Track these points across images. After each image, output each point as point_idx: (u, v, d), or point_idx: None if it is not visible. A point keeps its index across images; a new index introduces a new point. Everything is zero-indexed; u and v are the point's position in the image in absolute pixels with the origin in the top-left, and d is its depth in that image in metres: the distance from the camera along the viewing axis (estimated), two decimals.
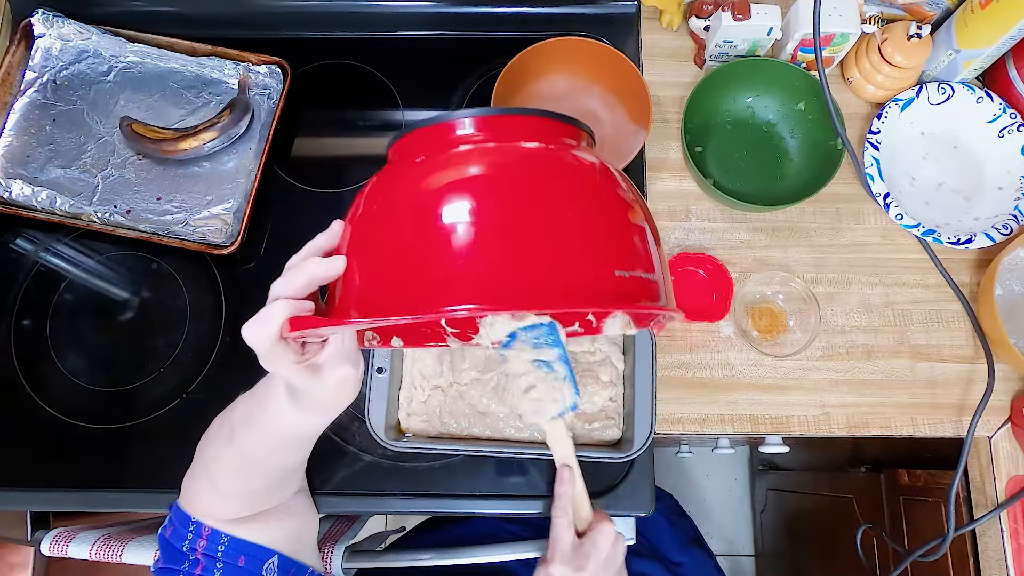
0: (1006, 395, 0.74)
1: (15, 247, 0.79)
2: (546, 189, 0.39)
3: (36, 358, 0.75)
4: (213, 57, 0.81)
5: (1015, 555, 0.70)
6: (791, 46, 0.77)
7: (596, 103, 0.81)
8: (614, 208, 0.41)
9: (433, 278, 0.37)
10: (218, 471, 0.54)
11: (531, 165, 0.40)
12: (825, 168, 0.76)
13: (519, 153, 0.41)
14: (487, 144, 0.41)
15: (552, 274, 0.37)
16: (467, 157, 0.40)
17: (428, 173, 0.40)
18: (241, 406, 0.52)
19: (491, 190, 0.38)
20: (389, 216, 0.40)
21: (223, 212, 0.76)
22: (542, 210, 0.38)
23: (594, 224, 0.39)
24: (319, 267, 0.41)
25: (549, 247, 0.37)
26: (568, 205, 0.39)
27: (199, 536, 0.55)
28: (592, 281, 0.37)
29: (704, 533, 0.99)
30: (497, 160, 0.40)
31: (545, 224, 0.38)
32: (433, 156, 0.41)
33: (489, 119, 0.42)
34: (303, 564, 0.59)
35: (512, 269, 0.36)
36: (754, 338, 0.75)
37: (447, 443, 0.67)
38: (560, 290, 0.37)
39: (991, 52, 0.76)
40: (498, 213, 0.37)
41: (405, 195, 0.40)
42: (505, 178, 0.39)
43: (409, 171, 0.41)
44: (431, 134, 0.42)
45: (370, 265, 0.40)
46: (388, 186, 0.42)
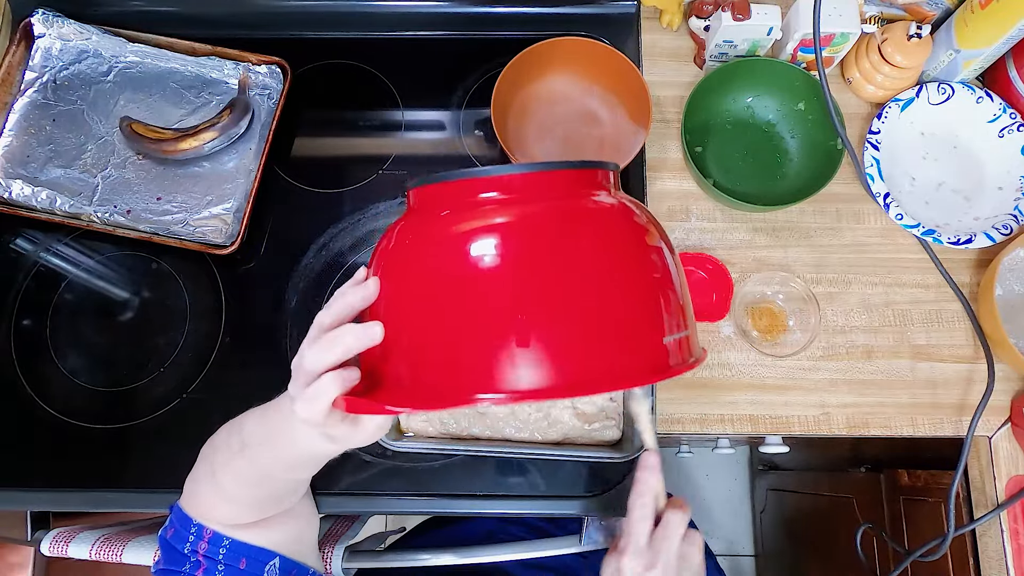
0: (1006, 395, 0.74)
1: (15, 247, 0.79)
2: (591, 265, 0.39)
3: (36, 358, 0.75)
4: (213, 57, 0.81)
5: (1015, 555, 0.70)
6: (791, 46, 0.77)
7: (596, 103, 0.81)
8: (654, 269, 0.41)
9: (488, 367, 0.37)
10: (227, 479, 0.54)
11: (573, 238, 0.39)
12: (825, 168, 0.76)
13: (558, 224, 0.39)
14: (520, 207, 0.40)
15: (606, 358, 0.37)
16: (505, 231, 0.39)
17: (466, 246, 0.39)
18: (254, 421, 0.52)
19: (538, 271, 0.38)
20: (426, 289, 0.39)
21: (223, 212, 0.76)
22: (590, 291, 0.38)
23: (642, 294, 0.39)
24: (357, 340, 0.41)
25: (601, 331, 0.37)
26: (614, 280, 0.39)
27: (200, 538, 0.55)
28: (645, 358, 0.38)
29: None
30: (538, 234, 0.39)
31: (595, 306, 0.38)
32: (464, 222, 0.40)
33: (516, 177, 0.41)
34: (304, 565, 0.59)
35: (571, 357, 0.37)
36: (754, 338, 0.75)
37: (447, 443, 0.67)
38: (615, 373, 0.37)
39: (991, 52, 0.76)
40: (548, 297, 0.37)
41: (444, 269, 0.39)
42: (549, 257, 0.38)
43: (443, 239, 0.40)
44: (455, 188, 0.42)
45: (414, 342, 0.39)
46: (421, 251, 0.41)
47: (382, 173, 0.81)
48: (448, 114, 0.84)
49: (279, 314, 0.75)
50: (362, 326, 0.41)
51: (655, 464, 0.54)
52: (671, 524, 0.53)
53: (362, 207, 0.79)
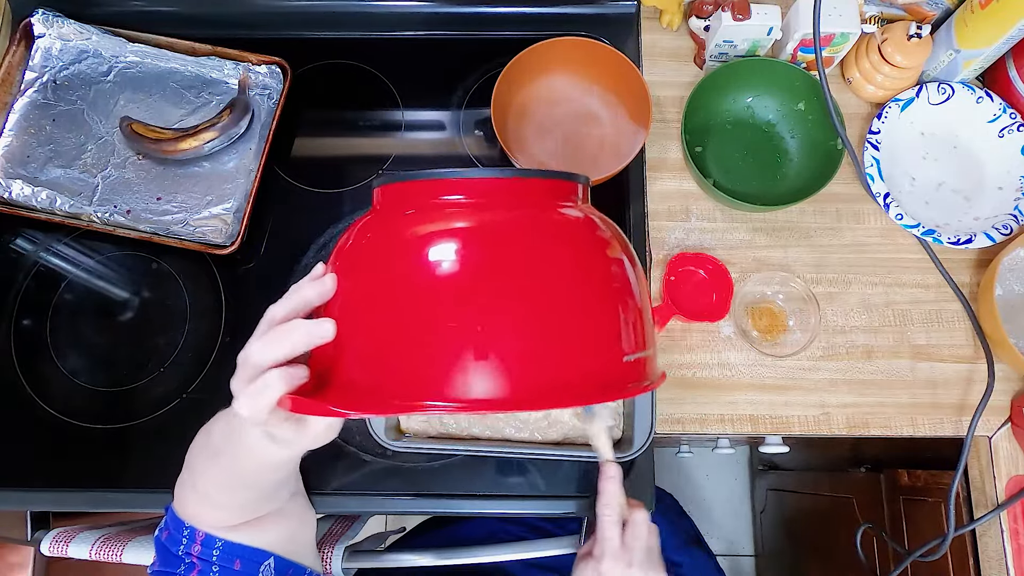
0: (1006, 395, 0.74)
1: (15, 247, 0.79)
2: (551, 277, 0.38)
3: (36, 358, 0.75)
4: (213, 57, 0.81)
5: (1015, 555, 0.70)
6: (791, 46, 0.77)
7: (596, 103, 0.81)
8: (616, 286, 0.40)
9: (438, 375, 0.36)
10: (206, 484, 0.53)
11: (535, 249, 0.39)
12: (825, 168, 0.76)
13: (521, 233, 0.39)
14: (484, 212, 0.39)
15: (560, 374, 0.37)
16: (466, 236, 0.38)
17: (425, 248, 0.38)
18: (220, 426, 0.51)
19: (496, 279, 0.37)
20: (390, 292, 0.38)
21: (223, 212, 0.76)
22: (548, 304, 0.37)
23: (601, 311, 0.39)
24: (307, 336, 0.40)
25: (557, 345, 0.37)
26: (573, 294, 0.38)
27: (193, 540, 0.55)
28: (604, 377, 0.38)
29: (704, 533, 0.99)
30: (499, 242, 0.38)
31: (552, 320, 0.37)
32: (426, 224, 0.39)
33: (483, 181, 0.40)
34: (300, 565, 0.59)
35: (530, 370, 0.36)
36: (754, 338, 0.75)
37: (447, 443, 0.67)
38: (574, 390, 0.37)
39: (991, 52, 0.76)
40: (504, 307, 0.37)
41: (402, 272, 0.38)
42: (509, 266, 0.38)
43: (404, 240, 0.39)
44: (421, 188, 0.41)
45: (367, 344, 0.39)
46: (386, 252, 0.40)
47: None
48: (448, 114, 0.84)
49: None
50: (313, 322, 0.40)
51: (615, 474, 0.59)
52: (638, 524, 0.58)
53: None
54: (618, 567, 0.55)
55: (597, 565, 0.56)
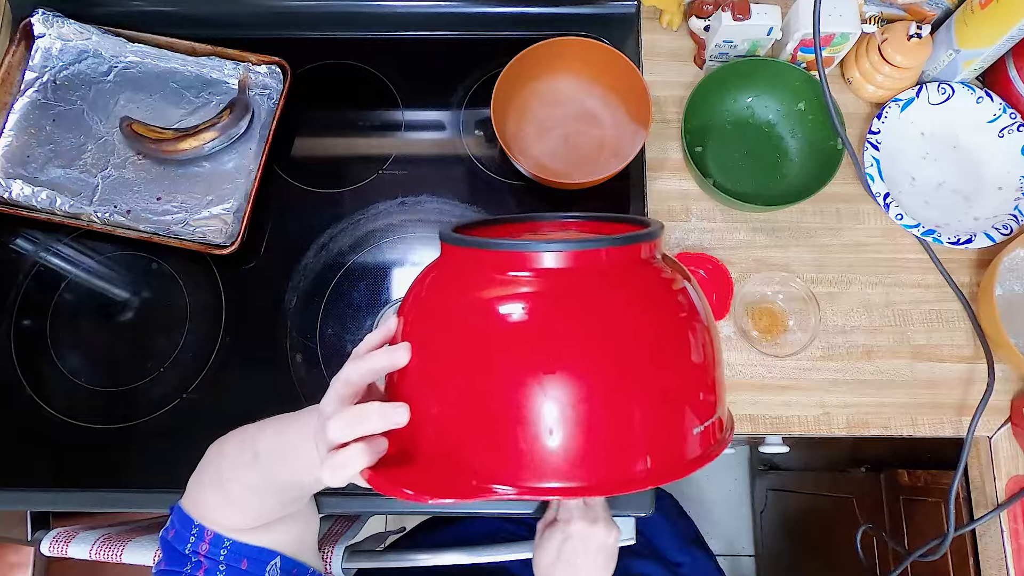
0: (1006, 395, 0.74)
1: (15, 247, 0.79)
2: (631, 355, 0.37)
3: (36, 358, 0.75)
4: (213, 57, 0.81)
5: (1015, 555, 0.70)
6: (791, 46, 0.77)
7: (596, 103, 0.81)
8: (691, 350, 0.39)
9: (518, 461, 0.36)
10: (236, 488, 0.54)
11: (612, 324, 0.38)
12: (825, 168, 0.76)
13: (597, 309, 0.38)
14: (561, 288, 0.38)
15: (629, 457, 0.37)
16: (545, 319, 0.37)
17: (506, 333, 0.38)
18: (270, 435, 0.51)
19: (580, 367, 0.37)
20: (462, 370, 0.38)
21: (223, 212, 0.76)
22: (621, 382, 0.37)
23: (674, 384, 0.38)
24: (382, 421, 0.40)
25: (625, 427, 0.37)
26: (648, 368, 0.38)
27: (201, 539, 0.55)
28: (670, 453, 0.37)
29: (704, 533, 0.99)
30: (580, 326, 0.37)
31: (623, 400, 0.37)
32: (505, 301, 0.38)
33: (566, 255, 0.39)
34: (304, 565, 0.59)
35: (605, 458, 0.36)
36: (754, 338, 0.75)
37: None
38: (640, 475, 0.37)
39: (991, 52, 0.76)
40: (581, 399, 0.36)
41: (482, 350, 0.38)
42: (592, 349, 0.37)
43: (483, 316, 0.38)
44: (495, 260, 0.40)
45: (443, 424, 0.38)
46: (459, 324, 0.39)
47: (382, 173, 0.81)
48: (448, 114, 0.84)
49: (279, 314, 0.75)
50: (389, 408, 0.40)
51: None
52: None
53: (362, 207, 0.80)
54: (584, 525, 0.58)
55: (565, 527, 0.58)
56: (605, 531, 0.60)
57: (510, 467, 0.36)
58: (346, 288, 0.77)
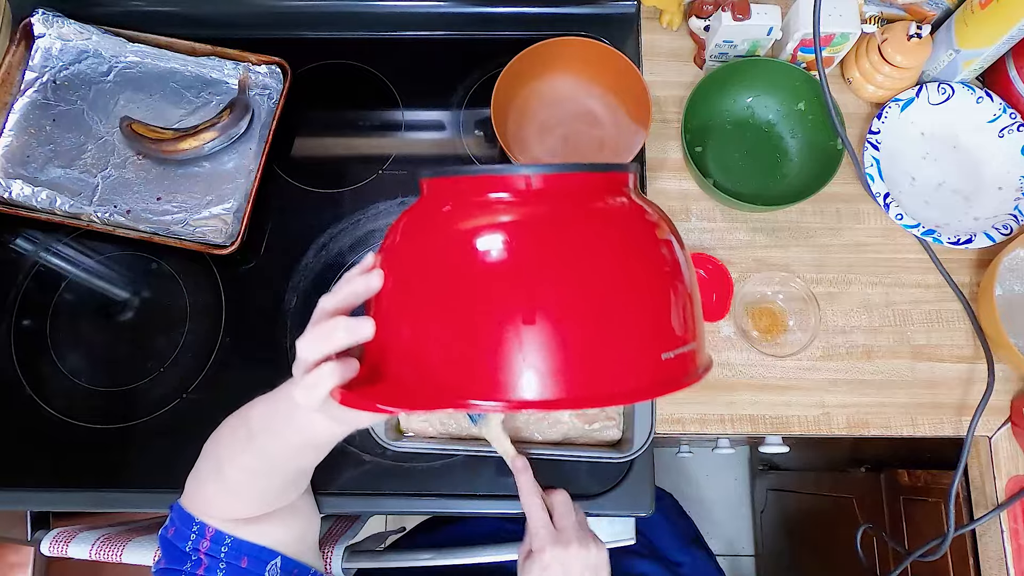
0: (1006, 395, 0.74)
1: (15, 247, 0.79)
2: (595, 273, 0.37)
3: (36, 358, 0.75)
4: (213, 57, 0.81)
5: (1015, 555, 0.70)
6: (791, 46, 0.77)
7: (596, 103, 0.81)
8: (661, 278, 0.39)
9: (483, 373, 0.36)
10: (233, 472, 0.54)
11: (579, 243, 0.38)
12: (825, 168, 0.76)
13: (569, 229, 0.38)
14: (533, 208, 0.39)
15: (596, 373, 0.36)
16: (514, 235, 0.38)
17: (472, 247, 0.38)
18: (260, 409, 0.52)
19: (544, 278, 0.37)
20: (432, 287, 0.39)
21: (223, 212, 0.76)
22: (596, 303, 0.37)
23: (642, 306, 0.38)
24: (348, 335, 0.41)
25: (594, 342, 0.36)
26: (617, 291, 0.38)
27: (202, 537, 0.55)
28: (637, 374, 0.37)
29: (704, 533, 0.99)
30: (548, 239, 0.38)
31: (591, 315, 0.37)
32: (475, 219, 0.39)
33: (532, 177, 0.40)
34: (305, 565, 0.59)
35: (572, 370, 0.36)
36: (754, 338, 0.75)
37: (447, 443, 0.67)
38: (604, 391, 0.36)
39: (991, 52, 0.76)
40: (551, 307, 0.36)
41: (452, 268, 0.38)
42: (558, 264, 0.37)
43: (453, 236, 0.39)
44: (469, 184, 0.41)
45: (415, 340, 0.39)
46: (430, 246, 0.40)
47: (382, 173, 0.81)
48: (448, 114, 0.84)
49: (279, 314, 0.75)
50: (354, 321, 0.41)
51: (524, 467, 0.63)
52: (562, 503, 0.63)
53: (362, 207, 0.80)
54: (558, 551, 0.58)
55: (540, 556, 0.58)
56: (583, 550, 0.59)
57: (478, 379, 0.36)
58: None
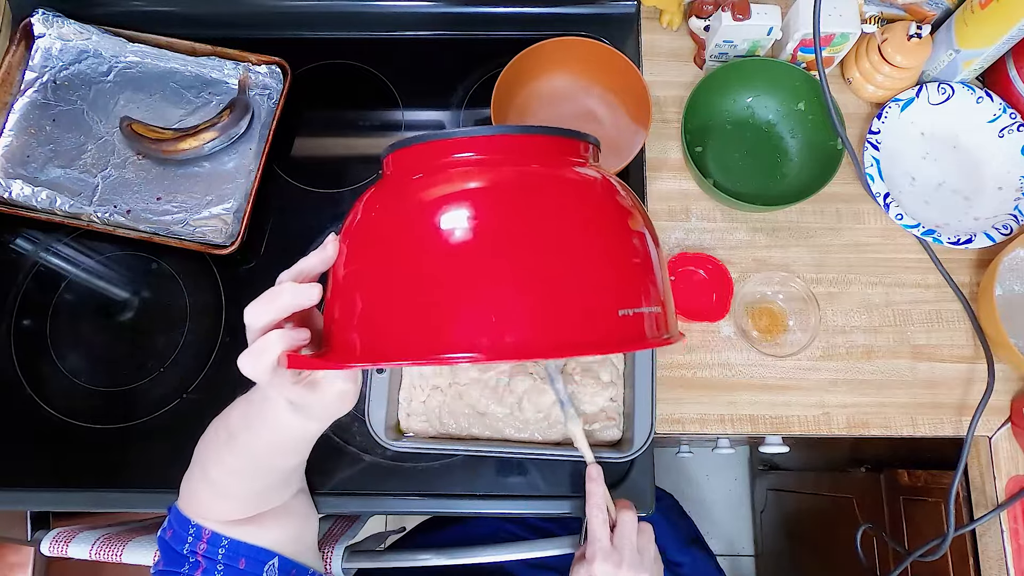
0: (1006, 395, 0.74)
1: (15, 247, 0.79)
2: (545, 228, 0.37)
3: (36, 358, 0.75)
4: (213, 57, 0.81)
5: (1015, 555, 0.70)
6: (791, 46, 0.77)
7: (596, 103, 0.81)
8: (616, 238, 0.39)
9: (433, 325, 0.36)
10: (218, 474, 0.54)
11: (530, 200, 0.38)
12: (825, 168, 0.76)
13: (517, 186, 0.39)
14: (486, 168, 0.39)
15: (552, 323, 0.36)
16: (466, 192, 0.38)
17: (428, 209, 0.38)
18: (238, 410, 0.52)
19: (490, 233, 0.37)
20: (387, 249, 0.39)
21: (223, 212, 0.76)
22: (541, 254, 0.37)
23: (595, 263, 0.38)
24: (293, 297, 0.41)
25: (548, 294, 0.36)
26: (568, 245, 0.38)
27: (199, 539, 0.55)
28: (594, 327, 0.37)
29: (704, 533, 0.99)
30: (496, 196, 0.38)
31: (544, 269, 0.37)
32: (431, 182, 0.39)
33: (489, 138, 0.40)
34: (303, 565, 0.59)
35: (511, 319, 0.36)
36: (754, 338, 0.75)
37: (447, 443, 0.67)
38: (561, 340, 0.36)
39: (991, 52, 0.76)
40: (497, 259, 0.36)
41: (405, 229, 0.38)
42: (504, 219, 0.37)
43: (408, 201, 0.39)
44: (428, 150, 0.41)
45: (369, 300, 0.39)
46: (387, 212, 0.40)
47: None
48: (448, 114, 0.84)
49: None
50: (300, 285, 0.41)
51: (598, 476, 0.61)
52: (626, 524, 0.60)
53: None
54: (607, 567, 0.57)
55: (589, 566, 0.57)
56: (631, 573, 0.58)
57: (422, 334, 0.36)
58: None
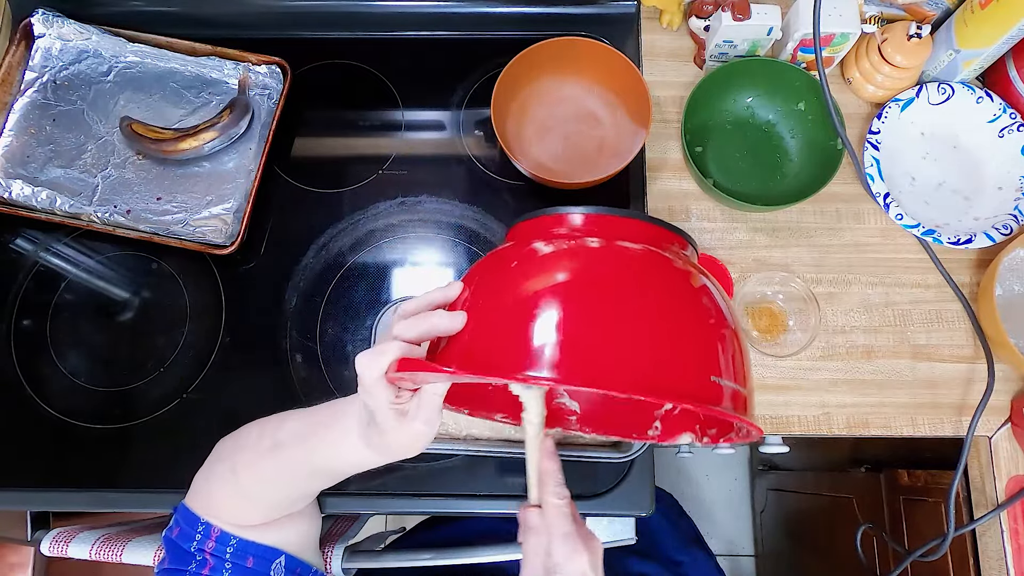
0: (1006, 395, 0.74)
1: (15, 247, 0.79)
2: (644, 288, 0.42)
3: (36, 358, 0.75)
4: (213, 57, 0.81)
5: (1015, 555, 0.70)
6: (791, 46, 0.77)
7: (596, 103, 0.81)
8: (712, 317, 0.43)
9: (527, 350, 0.39)
10: (250, 479, 0.54)
11: (636, 265, 0.43)
12: (825, 168, 0.76)
13: (628, 252, 0.43)
14: (602, 241, 0.44)
15: (646, 367, 0.39)
16: (581, 251, 0.43)
17: (542, 260, 0.43)
18: (292, 422, 0.53)
19: (595, 285, 0.41)
20: (504, 289, 0.43)
21: (223, 212, 0.76)
22: (640, 308, 0.41)
23: (693, 330, 0.41)
24: (443, 320, 0.43)
25: (642, 343, 0.39)
26: (667, 306, 0.41)
27: (208, 537, 0.55)
28: (686, 381, 0.40)
29: (704, 533, 0.99)
30: (609, 257, 0.43)
31: (641, 321, 0.40)
32: (549, 242, 0.44)
33: (610, 219, 0.46)
34: (307, 564, 0.59)
35: (604, 356, 0.39)
36: (754, 338, 0.75)
37: (447, 443, 0.67)
38: (652, 383, 0.39)
39: (991, 52, 0.76)
40: (599, 308, 0.40)
41: (517, 276, 0.43)
42: (610, 275, 0.42)
43: (524, 255, 0.44)
44: (551, 222, 0.46)
45: (478, 328, 0.43)
46: (504, 265, 0.45)
47: (382, 173, 0.81)
48: (448, 114, 0.84)
49: (279, 314, 0.75)
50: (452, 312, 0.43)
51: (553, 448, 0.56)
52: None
53: (362, 207, 0.80)
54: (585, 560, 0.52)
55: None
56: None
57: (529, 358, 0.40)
58: (346, 288, 0.77)
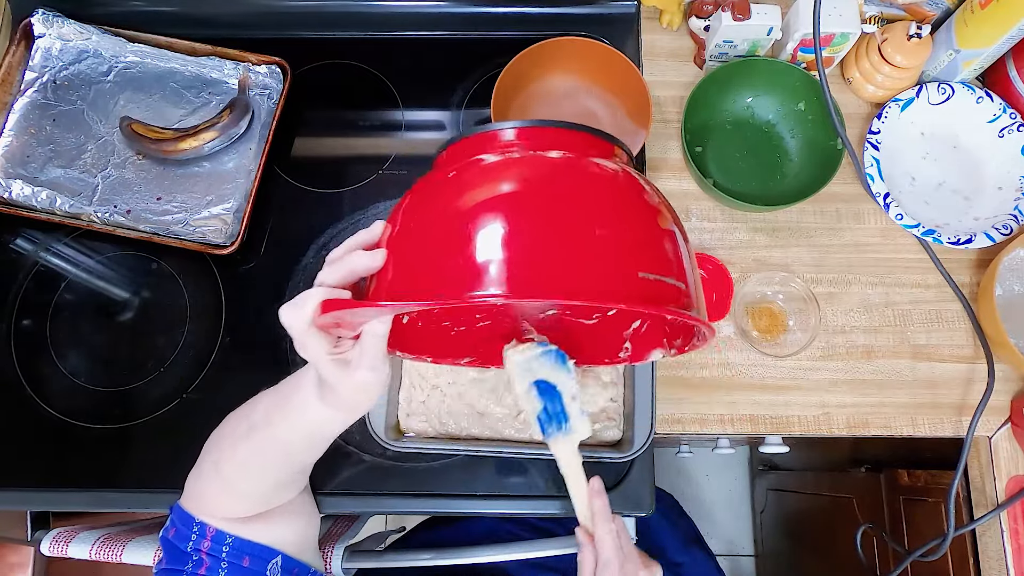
0: (1006, 395, 0.74)
1: (15, 247, 0.79)
2: (570, 193, 0.40)
3: (36, 358, 0.75)
4: (213, 57, 0.81)
5: (1015, 555, 0.70)
6: (791, 46, 0.77)
7: (596, 103, 0.81)
8: (636, 213, 0.42)
9: (459, 269, 0.38)
10: (231, 468, 0.54)
11: (558, 171, 0.42)
12: (825, 168, 0.76)
13: (550, 161, 0.42)
14: (522, 153, 0.43)
15: (572, 270, 0.38)
16: (503, 164, 0.42)
17: (465, 177, 0.42)
18: (263, 402, 0.53)
19: (519, 194, 0.40)
20: (425, 216, 0.42)
21: (223, 212, 0.76)
22: (565, 213, 0.39)
23: (616, 227, 0.40)
24: (360, 259, 0.42)
25: (570, 245, 0.38)
26: (590, 208, 0.40)
27: (203, 536, 0.55)
28: (613, 279, 0.38)
29: (704, 533, 0.99)
30: (529, 167, 0.42)
31: (567, 225, 0.39)
32: (473, 161, 0.43)
33: (528, 130, 0.44)
34: (305, 564, 0.59)
35: (533, 264, 0.38)
36: (754, 338, 0.75)
37: (447, 443, 0.67)
38: (579, 285, 0.38)
39: (991, 52, 0.76)
40: (523, 215, 0.39)
41: (442, 197, 0.42)
42: (533, 183, 0.41)
43: (448, 175, 0.43)
44: (475, 141, 0.45)
45: (403, 259, 0.42)
46: (427, 189, 0.43)
47: (382, 173, 0.81)
48: (448, 114, 0.84)
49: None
50: (367, 252, 0.43)
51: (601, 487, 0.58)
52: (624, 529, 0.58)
53: (362, 207, 0.80)
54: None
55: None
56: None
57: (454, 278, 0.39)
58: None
